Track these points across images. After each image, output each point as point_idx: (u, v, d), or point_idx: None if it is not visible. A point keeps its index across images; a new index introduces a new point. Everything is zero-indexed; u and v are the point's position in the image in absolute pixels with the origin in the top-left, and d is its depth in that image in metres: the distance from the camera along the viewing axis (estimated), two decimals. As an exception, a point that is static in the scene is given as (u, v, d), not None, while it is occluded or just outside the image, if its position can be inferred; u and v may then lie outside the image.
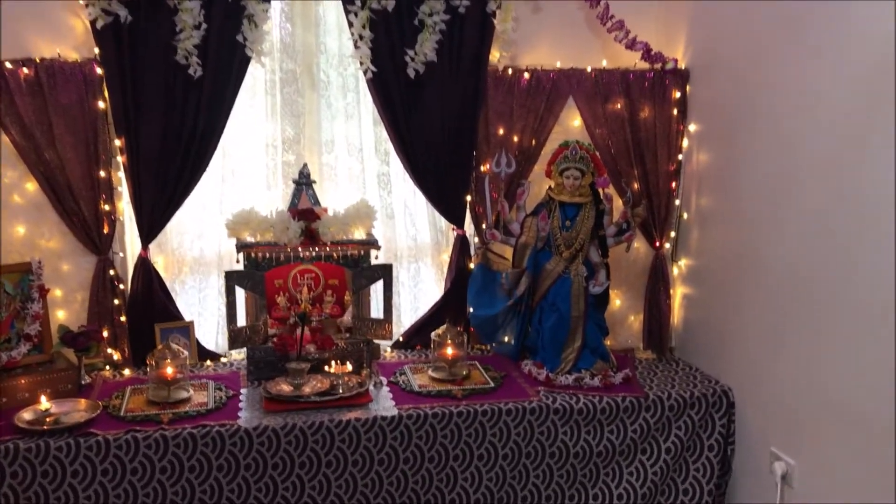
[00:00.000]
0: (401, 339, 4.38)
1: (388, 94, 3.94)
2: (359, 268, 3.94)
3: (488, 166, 4.08)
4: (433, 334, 4.15)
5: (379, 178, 4.36)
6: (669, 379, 4.02)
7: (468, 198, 4.21)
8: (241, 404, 3.74)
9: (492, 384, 3.82)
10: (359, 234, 3.92)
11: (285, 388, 3.75)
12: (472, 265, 4.23)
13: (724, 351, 3.95)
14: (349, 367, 3.94)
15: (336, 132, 4.26)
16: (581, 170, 4.02)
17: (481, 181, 4.07)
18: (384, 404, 3.73)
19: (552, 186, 4.01)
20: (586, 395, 3.72)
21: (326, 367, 3.79)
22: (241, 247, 3.83)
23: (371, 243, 4.10)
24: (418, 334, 4.38)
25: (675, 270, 4.36)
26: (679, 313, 4.37)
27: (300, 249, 3.82)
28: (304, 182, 3.98)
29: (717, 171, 4.00)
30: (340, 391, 3.75)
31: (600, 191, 3.99)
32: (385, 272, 4.12)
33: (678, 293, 4.35)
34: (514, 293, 4.25)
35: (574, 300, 4.13)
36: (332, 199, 4.23)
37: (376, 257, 3.92)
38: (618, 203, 4.07)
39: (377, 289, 4.00)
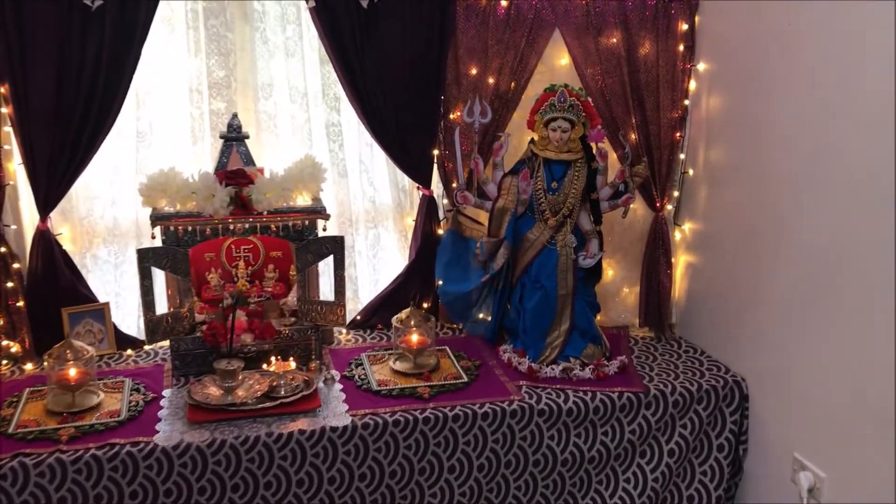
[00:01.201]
0: (358, 318, 3.81)
1: (337, 26, 3.34)
2: (304, 241, 3.24)
3: (459, 114, 3.53)
4: (394, 319, 3.49)
5: (328, 129, 3.75)
6: (671, 365, 3.57)
7: (435, 152, 3.66)
8: (161, 412, 3.07)
9: (465, 378, 3.22)
10: (304, 200, 3.34)
11: (214, 391, 3.08)
12: (440, 231, 3.69)
13: (736, 332, 3.46)
14: (292, 364, 3.26)
15: (275, 74, 3.63)
16: (570, 120, 3.34)
17: (451, 132, 3.53)
18: (335, 410, 3.09)
19: (535, 140, 3.43)
20: (576, 390, 3.25)
21: (266, 365, 3.10)
22: (157, 219, 3.11)
23: (318, 211, 3.39)
24: (379, 312, 3.85)
25: (678, 235, 3.85)
26: (681, 285, 3.87)
27: (230, 222, 3.08)
28: (233, 136, 3.25)
29: (731, 119, 3.45)
30: (282, 394, 3.08)
31: (593, 146, 3.42)
32: (336, 246, 3.43)
33: (681, 262, 3.85)
34: (491, 266, 3.60)
35: (561, 275, 3.48)
36: (271, 156, 3.66)
37: (324, 228, 3.19)
38: (613, 159, 3.54)
39: (327, 265, 3.26)
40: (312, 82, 3.66)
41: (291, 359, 3.33)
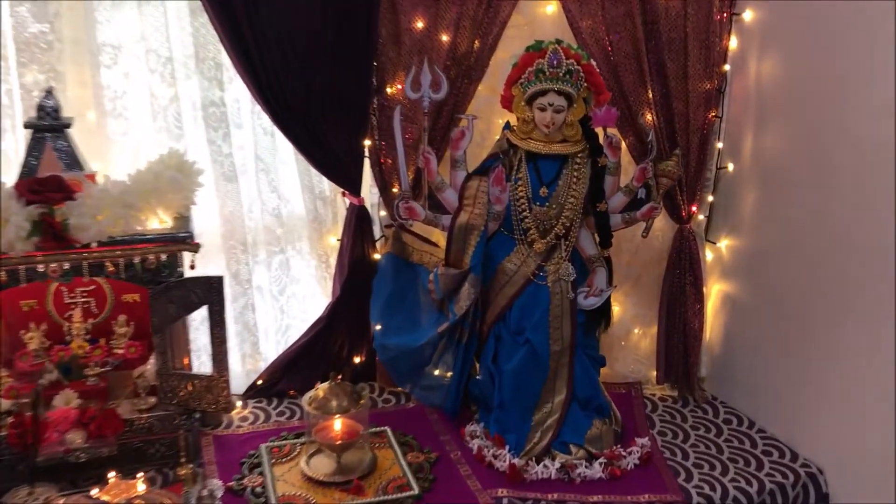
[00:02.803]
0: (260, 382, 2.93)
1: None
2: (161, 285, 2.03)
3: (400, 88, 2.61)
4: (306, 399, 2.32)
5: (207, 111, 2.74)
6: (710, 447, 2.66)
7: (367, 143, 2.72)
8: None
9: (414, 489, 2.16)
10: (162, 221, 2.36)
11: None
12: (377, 256, 2.81)
13: (801, 394, 2.61)
14: (140, 486, 2.06)
15: (122, 30, 2.59)
16: (567, 94, 2.38)
17: (388, 115, 2.59)
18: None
19: (514, 125, 2.49)
20: (583, 501, 2.23)
21: (99, 487, 1.94)
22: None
23: (179, 239, 2.18)
24: (290, 373, 2.93)
25: (711, 256, 2.96)
26: (715, 325, 2.99)
27: (36, 261, 1.92)
28: (46, 125, 2.11)
29: (792, 91, 2.56)
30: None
31: (600, 132, 2.48)
32: (210, 291, 2.24)
33: (714, 292, 2.98)
34: (451, 309, 2.56)
35: (553, 324, 2.50)
36: (119, 153, 2.65)
37: (192, 264, 2.00)
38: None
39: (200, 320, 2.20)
40: (181, 42, 2.66)
41: (141, 477, 2.11)
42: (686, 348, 2.87)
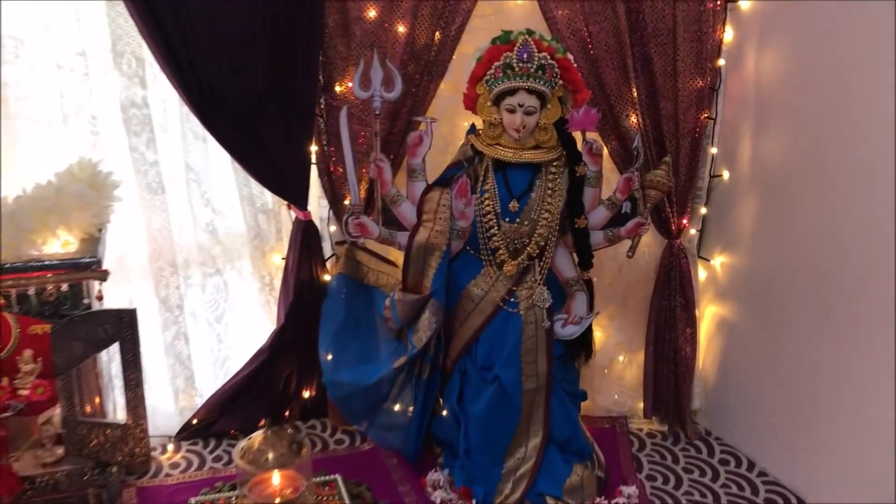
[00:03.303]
0: (194, 422, 2.61)
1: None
2: (63, 320, 1.69)
3: (349, 86, 2.29)
4: (237, 452, 1.98)
5: (127, 112, 2.40)
6: (707, 494, 2.36)
7: (313, 148, 2.39)
8: None
9: None
10: (65, 244, 2.02)
11: None
12: (328, 277, 2.49)
13: (806, 433, 2.31)
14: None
15: (21, 18, 2.23)
16: (540, 93, 2.04)
17: (336, 117, 2.25)
18: None
19: (478, 129, 2.19)
20: None
21: None
22: None
23: (82, 266, 1.84)
24: (229, 411, 2.62)
25: (704, 274, 2.66)
26: (710, 351, 2.69)
27: None
28: None
29: (796, 88, 2.24)
30: None
31: (577, 137, 2.17)
32: (120, 327, 1.89)
33: (708, 315, 2.68)
34: (410, 340, 2.23)
35: (527, 358, 2.20)
36: (18, 164, 2.26)
37: (100, 295, 1.69)
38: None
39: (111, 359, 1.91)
40: (93, 33, 2.31)
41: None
42: (677, 378, 2.58)
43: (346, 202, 2.37)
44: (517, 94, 2.01)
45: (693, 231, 2.53)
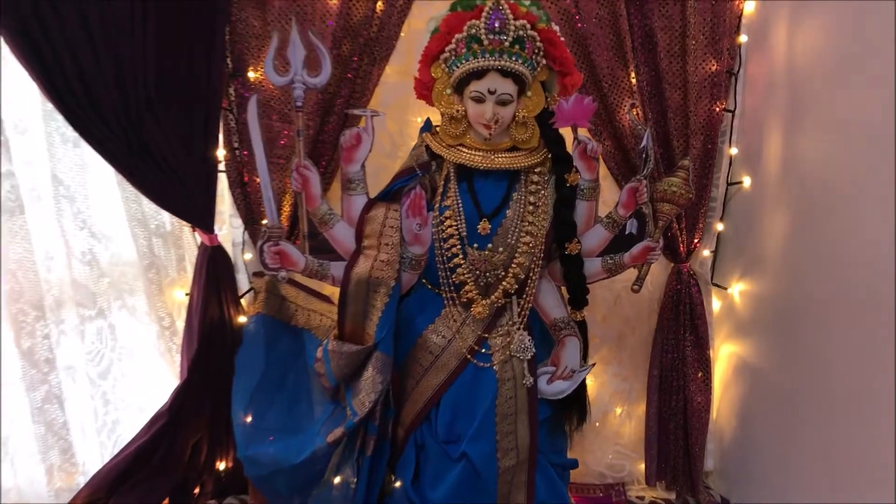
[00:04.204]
0: None
1: None
2: None
3: (262, 73, 1.82)
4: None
5: None
6: None
7: (220, 153, 1.89)
8: None
9: None
10: None
11: None
12: (243, 319, 1.97)
13: (850, 500, 1.80)
14: None
15: None
16: (517, 75, 1.51)
17: (245, 108, 1.69)
18: None
19: (435, 127, 1.69)
20: None
21: None
22: None
23: None
24: (122, 490, 2.01)
25: (718, 304, 2.16)
26: (727, 400, 2.19)
27: None
28: None
29: (844, 71, 1.71)
30: None
31: (565, 134, 1.64)
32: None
33: (723, 355, 2.19)
34: (350, 404, 1.68)
35: (503, 427, 1.67)
36: None
37: None
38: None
39: None
40: None
41: None
42: (686, 433, 2.12)
43: (264, 222, 1.83)
44: (486, 76, 1.49)
45: (706, 252, 2.04)
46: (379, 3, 1.79)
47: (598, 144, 1.61)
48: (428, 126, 1.67)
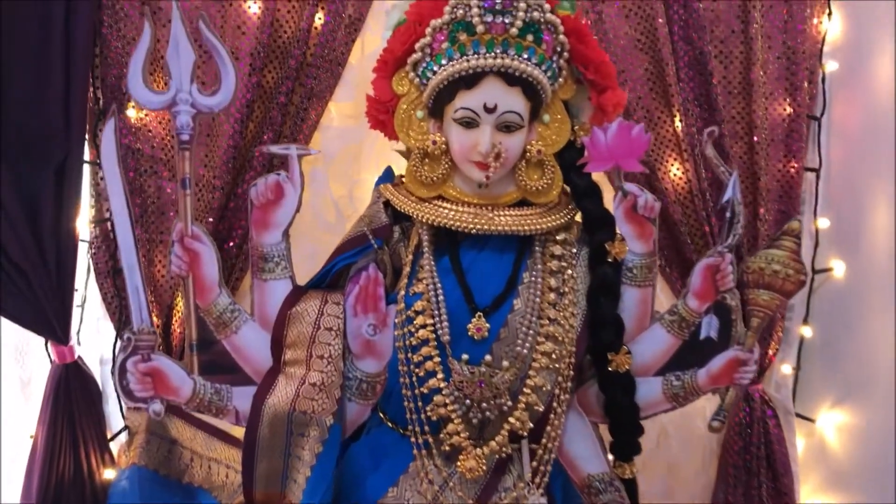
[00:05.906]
0: None
1: None
2: None
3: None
4: None
5: None
6: None
7: (84, 223, 1.28)
8: None
9: None
10: None
11: None
12: (110, 472, 1.35)
13: None
14: None
15: None
16: (531, 82, 0.96)
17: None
18: None
19: (399, 177, 1.11)
20: None
21: None
22: None
23: None
24: None
25: (803, 444, 1.52)
26: None
27: None
28: None
29: None
30: None
31: (598, 179, 1.12)
32: None
33: None
34: None
35: None
36: None
37: None
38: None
39: None
40: None
41: None
42: None
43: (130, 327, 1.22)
44: (481, 84, 0.94)
45: (785, 369, 1.44)
46: (319, 13, 1.25)
47: (654, 198, 1.05)
48: (388, 176, 1.10)
